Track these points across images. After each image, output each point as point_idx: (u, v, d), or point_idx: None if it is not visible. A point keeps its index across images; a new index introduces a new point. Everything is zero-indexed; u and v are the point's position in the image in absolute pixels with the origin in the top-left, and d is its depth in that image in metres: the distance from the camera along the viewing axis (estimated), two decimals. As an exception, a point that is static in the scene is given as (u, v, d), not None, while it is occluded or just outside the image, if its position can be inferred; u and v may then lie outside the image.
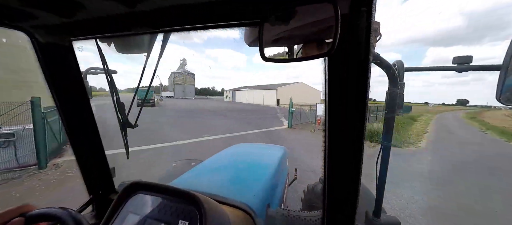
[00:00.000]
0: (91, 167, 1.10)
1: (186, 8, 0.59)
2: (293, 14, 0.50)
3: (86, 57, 1.13)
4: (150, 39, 0.90)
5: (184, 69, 78.69)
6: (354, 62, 0.54)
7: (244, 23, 0.60)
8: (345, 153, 0.66)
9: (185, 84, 74.57)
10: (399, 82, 1.11)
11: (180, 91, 73.06)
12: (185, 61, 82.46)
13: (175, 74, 77.04)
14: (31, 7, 0.59)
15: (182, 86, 74.05)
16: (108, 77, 0.99)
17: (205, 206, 0.74)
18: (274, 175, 1.77)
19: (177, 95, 71.40)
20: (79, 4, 0.57)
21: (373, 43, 0.51)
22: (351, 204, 0.72)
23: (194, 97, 75.06)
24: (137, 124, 1.08)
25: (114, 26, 0.70)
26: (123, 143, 1.10)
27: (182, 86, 73.94)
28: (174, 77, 76.50)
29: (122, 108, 1.03)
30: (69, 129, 0.99)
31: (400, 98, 1.12)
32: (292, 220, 1.20)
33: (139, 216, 0.80)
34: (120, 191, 0.87)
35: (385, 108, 1.17)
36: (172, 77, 77.95)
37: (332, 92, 0.59)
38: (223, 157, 2.23)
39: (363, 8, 0.47)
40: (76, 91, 0.96)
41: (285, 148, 2.71)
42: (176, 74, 77.08)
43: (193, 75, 78.71)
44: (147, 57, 0.94)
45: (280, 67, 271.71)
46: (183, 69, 78.19)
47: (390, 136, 1.21)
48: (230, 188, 1.35)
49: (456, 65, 1.12)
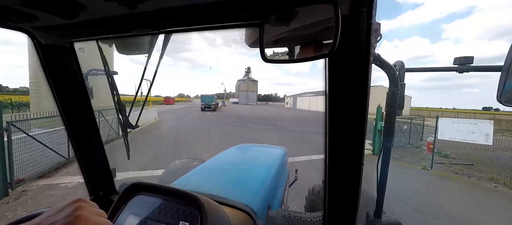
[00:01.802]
0: (92, 168, 1.11)
1: (187, 9, 0.59)
2: (294, 15, 0.50)
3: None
4: (151, 40, 0.91)
5: (249, 76, 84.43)
6: (354, 63, 0.54)
7: (245, 24, 0.60)
8: (346, 154, 0.66)
9: (248, 90, 79.69)
10: (399, 82, 1.10)
11: (244, 97, 78.24)
12: (250, 69, 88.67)
13: (240, 82, 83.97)
14: (32, 9, 0.59)
15: (246, 92, 79.27)
16: (109, 78, 0.99)
17: (206, 207, 0.74)
18: (275, 176, 1.77)
19: (241, 101, 76.39)
20: (80, 6, 0.58)
21: (373, 44, 0.51)
22: (352, 205, 0.72)
23: (256, 103, 79.00)
24: (138, 125, 1.08)
25: (115, 27, 0.70)
26: (124, 143, 1.11)
27: (245, 93, 79.14)
28: (239, 84, 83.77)
29: (123, 109, 1.04)
30: (71, 130, 0.99)
31: (400, 98, 1.12)
32: (292, 221, 1.20)
33: (140, 217, 0.80)
34: (121, 192, 0.87)
35: (385, 109, 1.17)
36: (238, 84, 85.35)
37: (333, 93, 0.59)
38: (224, 158, 2.23)
39: (363, 9, 0.47)
40: (77, 92, 0.97)
41: (286, 149, 2.71)
42: (241, 81, 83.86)
43: (256, 82, 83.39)
44: (148, 58, 0.94)
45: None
46: (248, 77, 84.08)
47: (391, 137, 1.21)
48: (231, 189, 1.35)
49: (457, 65, 1.12)
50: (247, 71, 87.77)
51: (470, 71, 1.11)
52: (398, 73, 1.10)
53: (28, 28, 0.73)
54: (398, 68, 1.13)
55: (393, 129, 1.20)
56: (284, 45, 0.62)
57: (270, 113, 30.10)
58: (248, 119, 19.51)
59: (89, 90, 1.01)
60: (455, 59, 1.13)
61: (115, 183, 1.23)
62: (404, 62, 1.14)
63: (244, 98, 78.08)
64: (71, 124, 0.98)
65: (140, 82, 1.06)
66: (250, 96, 78.73)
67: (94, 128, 1.07)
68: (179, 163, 2.40)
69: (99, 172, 1.14)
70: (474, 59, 1.09)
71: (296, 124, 17.92)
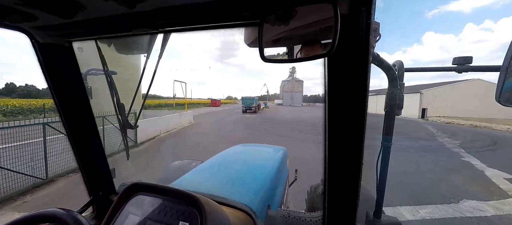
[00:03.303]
0: (92, 168, 1.10)
1: (186, 9, 0.59)
2: (293, 14, 0.50)
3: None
4: (150, 39, 0.90)
5: (293, 77, 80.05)
6: (353, 63, 0.54)
7: (244, 23, 0.60)
8: (345, 154, 0.66)
9: (293, 91, 75.47)
10: (398, 82, 1.11)
11: (288, 98, 74.14)
12: (294, 69, 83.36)
13: (284, 82, 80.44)
14: (31, 8, 0.59)
15: (290, 93, 75.16)
16: (108, 78, 0.99)
17: (206, 207, 0.74)
18: (274, 175, 1.77)
19: (285, 103, 72.84)
20: (79, 5, 0.57)
21: (372, 44, 0.51)
22: (352, 205, 0.72)
23: (301, 104, 73.67)
24: (137, 125, 1.08)
25: (114, 27, 0.70)
26: (124, 144, 1.10)
27: (290, 94, 75.03)
28: (283, 85, 79.99)
29: (122, 109, 1.03)
30: (70, 130, 0.99)
31: (400, 98, 1.12)
32: (292, 221, 1.20)
33: (140, 217, 0.79)
34: (121, 192, 0.86)
35: (385, 109, 1.17)
36: (282, 85, 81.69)
37: (332, 92, 0.59)
38: (223, 157, 2.22)
39: (362, 8, 0.47)
40: (76, 92, 0.96)
41: (285, 148, 2.71)
42: (285, 82, 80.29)
43: (301, 82, 79.30)
44: (147, 58, 0.94)
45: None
46: (292, 77, 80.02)
47: (390, 136, 1.21)
48: (230, 189, 1.35)
49: (456, 65, 1.12)
50: (292, 71, 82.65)
51: (469, 71, 1.11)
52: (397, 73, 1.10)
53: (26, 27, 0.72)
54: (397, 67, 1.13)
55: (392, 129, 1.20)
56: (283, 45, 0.62)
57: (313, 116, 25.30)
58: (289, 124, 16.41)
59: (88, 90, 1.01)
60: (454, 59, 1.13)
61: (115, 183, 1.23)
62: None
63: (289, 99, 73.93)
64: (70, 124, 0.98)
65: (140, 82, 1.05)
66: (294, 97, 73.91)
67: (93, 128, 1.07)
68: (179, 163, 2.40)
69: (98, 172, 1.14)
70: (472, 59, 1.10)
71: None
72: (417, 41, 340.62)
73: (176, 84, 20.39)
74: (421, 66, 1.34)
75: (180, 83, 21.15)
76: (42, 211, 0.68)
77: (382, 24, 0.55)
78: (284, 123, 17.17)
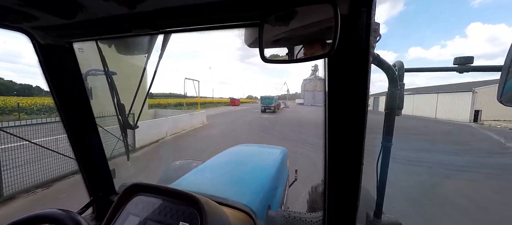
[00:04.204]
0: (92, 168, 1.10)
1: (186, 9, 0.59)
2: (293, 15, 0.50)
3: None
4: (150, 40, 0.90)
5: (315, 75, 74.05)
6: (354, 63, 0.54)
7: (244, 24, 0.60)
8: (346, 154, 0.66)
9: (315, 90, 68.73)
10: (399, 82, 1.10)
11: (310, 97, 67.74)
12: (317, 67, 73.55)
13: (306, 81, 75.12)
14: (31, 9, 0.59)
15: (312, 92, 68.49)
16: (108, 78, 0.99)
17: (206, 207, 0.74)
18: (274, 176, 1.77)
19: (307, 102, 66.57)
20: (79, 6, 0.57)
21: (372, 44, 0.50)
22: (352, 205, 0.72)
23: (323, 104, 72.66)
24: (137, 125, 1.08)
25: (114, 28, 0.70)
26: (124, 144, 1.10)
27: (311, 93, 68.62)
28: (305, 84, 74.79)
29: (122, 109, 1.04)
30: (70, 130, 0.99)
31: (400, 98, 1.12)
32: (292, 222, 1.20)
33: (140, 218, 0.79)
34: (121, 192, 0.86)
35: (385, 109, 1.17)
36: (303, 84, 76.84)
37: (332, 92, 0.59)
38: (224, 158, 2.22)
39: (362, 8, 0.47)
40: (77, 92, 0.96)
41: (285, 149, 2.71)
42: (306, 80, 75.12)
43: (324, 80, 76.80)
44: (147, 58, 0.94)
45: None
46: (315, 75, 74.31)
47: (391, 137, 1.20)
48: (230, 189, 1.35)
49: (457, 65, 1.12)
50: (314, 69, 75.31)
51: (470, 71, 1.11)
52: (397, 73, 1.10)
53: (27, 28, 0.72)
54: (397, 68, 1.13)
55: (392, 129, 1.20)
56: (283, 45, 0.62)
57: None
58: (308, 127, 13.92)
59: (88, 90, 1.01)
60: (455, 59, 1.13)
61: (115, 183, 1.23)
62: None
63: (310, 98, 66.85)
64: (70, 124, 0.98)
65: (140, 82, 1.05)
66: (316, 96, 65.75)
67: (93, 129, 1.07)
68: (179, 163, 2.40)
69: (98, 172, 1.14)
70: (474, 59, 1.09)
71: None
72: (459, 34, 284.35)
73: (188, 82, 18.59)
74: (421, 67, 1.34)
75: (192, 81, 19.16)
76: (42, 212, 0.68)
77: (416, 15, 0.52)
78: (309, 126, 14.59)
